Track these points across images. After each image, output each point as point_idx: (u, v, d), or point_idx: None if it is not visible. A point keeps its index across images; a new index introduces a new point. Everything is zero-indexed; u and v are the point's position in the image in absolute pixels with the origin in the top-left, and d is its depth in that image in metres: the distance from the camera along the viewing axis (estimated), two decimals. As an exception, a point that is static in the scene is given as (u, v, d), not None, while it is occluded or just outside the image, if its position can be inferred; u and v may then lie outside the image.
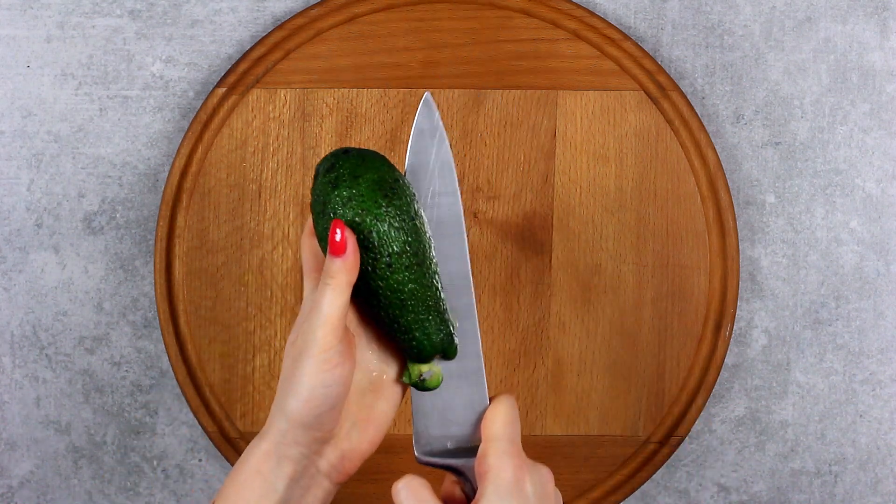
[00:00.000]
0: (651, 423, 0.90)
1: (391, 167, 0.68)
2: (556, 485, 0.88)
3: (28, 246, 0.91)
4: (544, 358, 0.89)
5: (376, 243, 0.66)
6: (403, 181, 0.68)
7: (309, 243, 0.71)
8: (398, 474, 0.91)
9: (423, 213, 0.68)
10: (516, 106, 0.89)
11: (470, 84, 0.89)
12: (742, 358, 0.92)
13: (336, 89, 0.89)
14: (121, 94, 0.90)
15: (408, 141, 0.89)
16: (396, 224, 0.67)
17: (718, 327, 0.89)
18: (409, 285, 0.68)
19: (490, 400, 0.70)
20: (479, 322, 0.76)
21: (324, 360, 0.67)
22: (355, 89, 0.89)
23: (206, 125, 0.88)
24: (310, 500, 0.70)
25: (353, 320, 0.71)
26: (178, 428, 0.92)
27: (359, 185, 0.67)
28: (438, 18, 0.89)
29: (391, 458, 0.89)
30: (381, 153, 0.69)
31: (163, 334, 0.89)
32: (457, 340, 0.69)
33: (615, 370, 0.89)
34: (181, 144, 0.88)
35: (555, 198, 0.89)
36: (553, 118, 0.89)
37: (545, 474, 0.69)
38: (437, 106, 0.89)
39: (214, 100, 0.88)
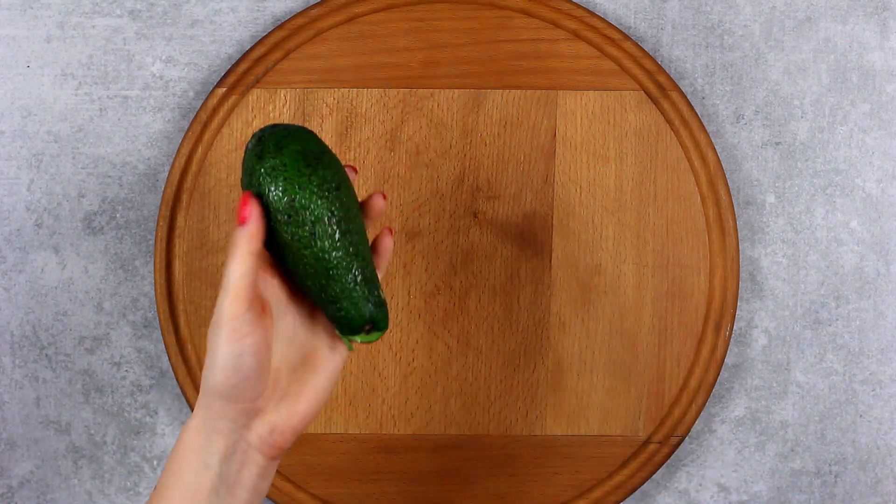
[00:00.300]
0: (651, 423, 0.90)
1: (318, 140, 0.67)
2: (558, 483, 0.89)
3: (28, 246, 0.91)
4: (544, 358, 0.89)
5: (299, 211, 0.66)
6: (329, 153, 0.67)
7: (249, 238, 0.69)
8: (398, 474, 0.91)
9: (350, 185, 0.68)
10: (516, 106, 0.89)
11: (470, 84, 0.89)
12: (742, 358, 0.92)
13: (336, 89, 0.89)
14: (121, 94, 0.90)
15: (407, 141, 0.89)
16: (319, 192, 0.66)
17: (718, 327, 0.89)
18: (335, 253, 0.66)
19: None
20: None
21: (232, 330, 0.66)
22: (355, 89, 0.89)
23: (206, 125, 0.88)
24: (246, 476, 0.69)
25: (282, 295, 0.70)
26: (178, 428, 0.92)
27: (283, 155, 0.66)
28: (438, 18, 0.89)
29: (391, 457, 0.89)
30: (312, 131, 0.69)
31: (163, 334, 0.89)
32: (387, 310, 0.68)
33: (615, 370, 0.89)
34: (181, 144, 0.88)
35: (555, 198, 0.89)
36: (553, 118, 0.89)
37: None
38: (437, 106, 0.89)
39: (214, 100, 0.88)
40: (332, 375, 0.71)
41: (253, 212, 0.67)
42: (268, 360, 0.68)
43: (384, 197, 0.71)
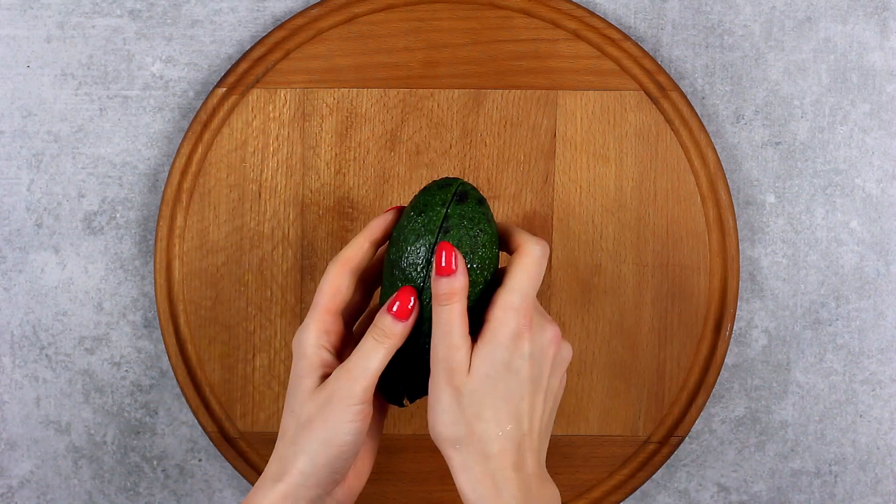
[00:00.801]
0: (651, 423, 0.89)
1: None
2: (558, 483, 0.88)
3: (28, 246, 0.91)
4: (544, 358, 0.89)
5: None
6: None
7: (337, 274, 0.73)
8: (398, 474, 0.91)
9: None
10: (516, 106, 0.89)
11: (470, 84, 0.89)
12: (742, 358, 0.92)
13: (336, 89, 0.89)
14: (121, 94, 0.90)
15: (407, 141, 0.89)
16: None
17: (718, 327, 0.89)
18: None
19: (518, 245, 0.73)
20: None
21: (359, 411, 0.70)
22: (355, 89, 0.89)
23: (206, 125, 0.88)
24: None
25: None
26: (178, 428, 0.92)
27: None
28: (438, 18, 0.89)
29: (391, 457, 0.89)
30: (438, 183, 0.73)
31: (163, 334, 0.89)
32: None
33: (615, 370, 0.89)
34: (181, 144, 0.88)
35: (555, 198, 0.89)
36: (553, 118, 0.89)
37: (548, 336, 0.71)
38: (437, 106, 0.89)
39: (214, 100, 0.88)
40: (379, 433, 0.76)
41: (414, 313, 0.71)
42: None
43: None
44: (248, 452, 0.89)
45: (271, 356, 0.89)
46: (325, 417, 0.70)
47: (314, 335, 0.72)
